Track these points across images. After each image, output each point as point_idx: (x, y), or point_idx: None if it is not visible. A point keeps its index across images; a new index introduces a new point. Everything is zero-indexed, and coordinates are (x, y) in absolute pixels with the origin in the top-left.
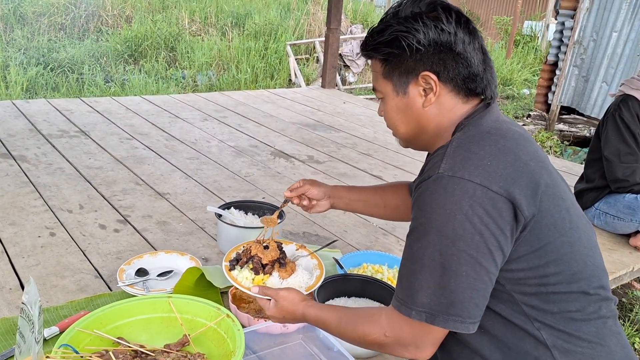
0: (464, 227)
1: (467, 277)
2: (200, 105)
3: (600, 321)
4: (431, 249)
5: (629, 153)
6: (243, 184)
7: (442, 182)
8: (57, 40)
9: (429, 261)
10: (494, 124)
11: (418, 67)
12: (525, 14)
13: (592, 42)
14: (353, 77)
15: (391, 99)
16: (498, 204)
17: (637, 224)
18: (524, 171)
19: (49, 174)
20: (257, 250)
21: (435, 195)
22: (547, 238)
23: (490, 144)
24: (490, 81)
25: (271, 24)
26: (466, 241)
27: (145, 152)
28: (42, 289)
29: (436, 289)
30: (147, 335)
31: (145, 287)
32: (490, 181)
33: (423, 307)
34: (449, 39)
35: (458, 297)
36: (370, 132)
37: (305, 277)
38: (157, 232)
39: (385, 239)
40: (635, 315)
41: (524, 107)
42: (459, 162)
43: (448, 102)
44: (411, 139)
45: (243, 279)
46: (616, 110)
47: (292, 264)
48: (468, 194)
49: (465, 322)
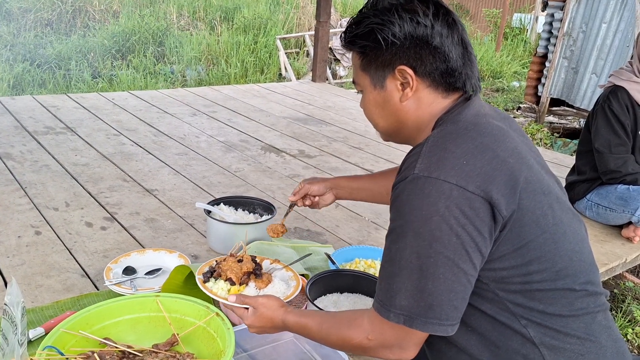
0: (440, 229)
1: (444, 280)
2: (189, 100)
3: (588, 317)
4: (408, 251)
5: (619, 144)
6: (233, 180)
7: (418, 183)
8: (43, 36)
9: (407, 263)
10: (472, 119)
11: (394, 60)
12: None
13: (581, 33)
14: (344, 70)
15: (369, 93)
16: (475, 205)
17: (629, 215)
18: (502, 169)
19: (35, 171)
20: (230, 264)
21: (411, 197)
22: (529, 236)
23: (467, 141)
24: (471, 75)
25: (260, 17)
26: (443, 243)
27: (133, 148)
28: (27, 289)
29: (414, 291)
30: (135, 335)
31: (132, 286)
32: (467, 181)
33: (402, 309)
34: (425, 32)
35: (436, 300)
36: (362, 125)
37: (282, 287)
38: (145, 230)
39: (377, 233)
40: (627, 307)
41: (514, 100)
42: (435, 162)
43: (427, 97)
44: (391, 133)
45: (219, 290)
46: (605, 102)
47: (268, 275)
48: (444, 195)
49: (443, 324)
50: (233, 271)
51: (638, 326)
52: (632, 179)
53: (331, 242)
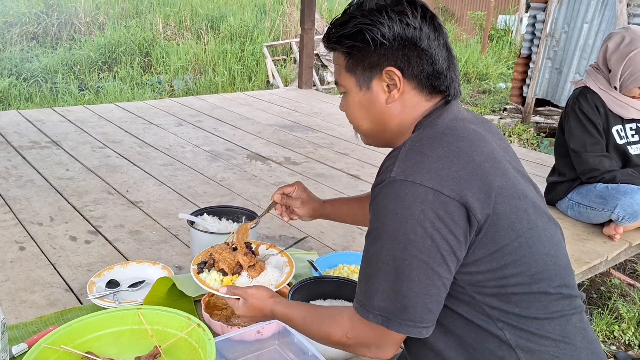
0: (415, 232)
1: (419, 283)
2: (175, 111)
3: (563, 319)
4: (385, 254)
5: (594, 143)
6: (218, 189)
7: (395, 186)
8: (29, 50)
9: (383, 265)
10: (450, 124)
11: (382, 62)
12: (499, 9)
13: (564, 34)
14: (331, 76)
15: (354, 94)
16: (450, 208)
17: (609, 212)
18: (477, 173)
19: (19, 186)
20: (222, 252)
21: (387, 200)
22: (503, 240)
23: (443, 145)
24: (454, 79)
25: (247, 25)
26: (417, 246)
27: (118, 160)
28: (11, 305)
29: (390, 293)
30: (117, 348)
31: (116, 299)
32: (442, 185)
33: (379, 310)
34: (414, 34)
35: (410, 302)
36: (348, 131)
37: (275, 274)
38: (129, 242)
39: (362, 238)
40: (613, 304)
41: (500, 101)
42: (411, 166)
43: (411, 99)
44: (373, 135)
45: (212, 280)
46: (575, 103)
47: (261, 263)
48: (419, 198)
49: (418, 326)
50: (226, 262)
51: (624, 323)
52: (610, 177)
53: (316, 248)
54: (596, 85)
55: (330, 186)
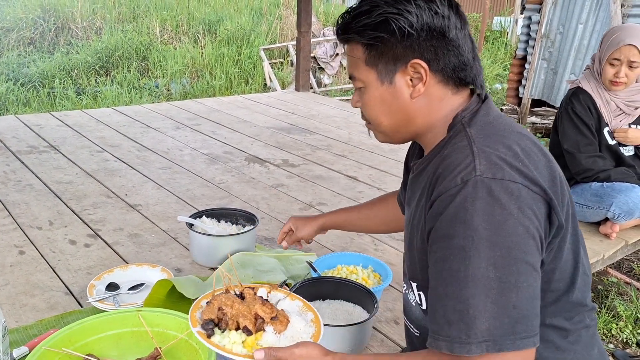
0: (517, 233)
1: (527, 288)
2: (173, 114)
3: (586, 330)
4: (484, 266)
5: (587, 144)
6: (217, 192)
7: (484, 186)
8: (26, 55)
9: (483, 280)
10: (505, 120)
11: (408, 54)
12: (494, 10)
13: (559, 35)
14: (328, 79)
15: (374, 89)
16: (539, 204)
17: (605, 211)
18: (552, 172)
19: (18, 191)
20: (232, 303)
21: (477, 203)
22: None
23: (514, 142)
24: (480, 71)
25: (243, 29)
26: (521, 248)
27: (117, 164)
28: (11, 309)
29: (495, 309)
30: (118, 350)
31: (116, 302)
32: (529, 181)
33: (484, 335)
34: (442, 23)
35: (522, 313)
36: (345, 133)
37: (301, 324)
38: (128, 245)
39: (360, 239)
40: (610, 302)
41: (497, 102)
42: (494, 163)
43: (437, 93)
44: (395, 131)
45: (232, 344)
46: (568, 105)
47: (283, 313)
48: (514, 195)
49: (531, 336)
50: (245, 316)
51: (622, 321)
52: (605, 176)
53: (314, 249)
54: (589, 86)
55: (328, 188)
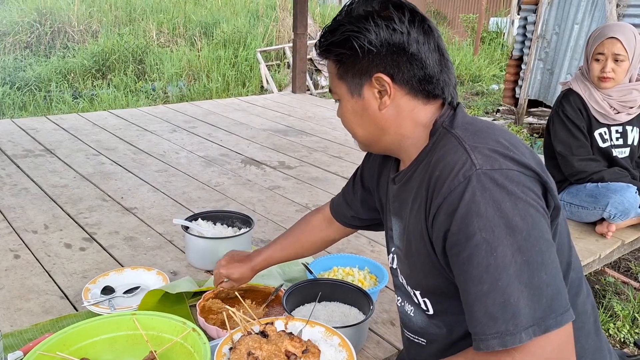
0: (529, 214)
1: (552, 263)
2: (169, 117)
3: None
4: (510, 253)
5: (579, 146)
6: (213, 194)
7: (487, 177)
8: (23, 59)
9: (514, 267)
10: (482, 120)
11: (371, 68)
12: (490, 11)
13: (554, 35)
14: (325, 80)
15: (346, 101)
16: (537, 187)
17: (600, 211)
18: (538, 157)
19: (14, 195)
20: (260, 345)
21: (486, 194)
22: (553, 222)
23: (499, 136)
24: (448, 82)
25: (240, 31)
26: (538, 227)
27: (113, 167)
28: (6, 313)
29: (532, 293)
30: (112, 354)
31: (111, 306)
32: (524, 166)
33: (528, 322)
34: (401, 39)
35: (555, 289)
36: (342, 134)
37: (331, 351)
38: (124, 249)
39: (357, 240)
40: (608, 302)
41: (493, 103)
42: (488, 156)
43: (406, 104)
44: (370, 141)
45: None
46: (559, 107)
47: (313, 345)
48: (515, 181)
49: (568, 309)
50: (277, 355)
51: (619, 321)
52: (598, 177)
53: None
54: (579, 87)
55: (324, 189)
